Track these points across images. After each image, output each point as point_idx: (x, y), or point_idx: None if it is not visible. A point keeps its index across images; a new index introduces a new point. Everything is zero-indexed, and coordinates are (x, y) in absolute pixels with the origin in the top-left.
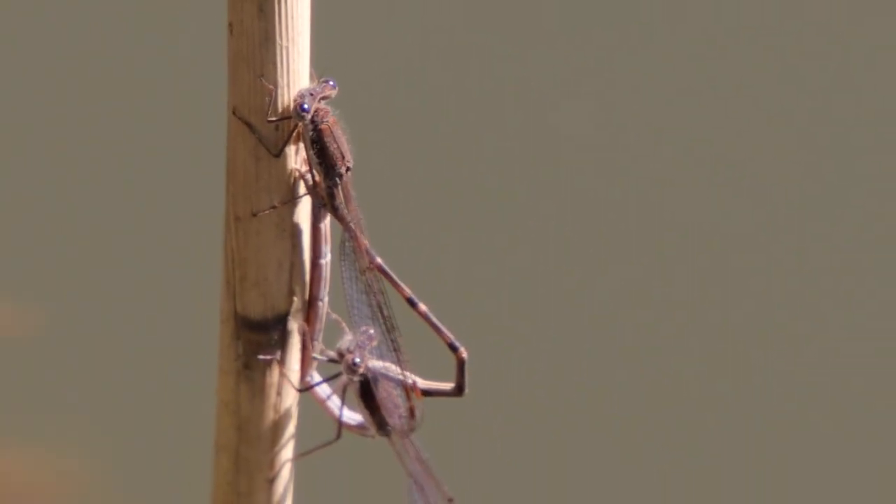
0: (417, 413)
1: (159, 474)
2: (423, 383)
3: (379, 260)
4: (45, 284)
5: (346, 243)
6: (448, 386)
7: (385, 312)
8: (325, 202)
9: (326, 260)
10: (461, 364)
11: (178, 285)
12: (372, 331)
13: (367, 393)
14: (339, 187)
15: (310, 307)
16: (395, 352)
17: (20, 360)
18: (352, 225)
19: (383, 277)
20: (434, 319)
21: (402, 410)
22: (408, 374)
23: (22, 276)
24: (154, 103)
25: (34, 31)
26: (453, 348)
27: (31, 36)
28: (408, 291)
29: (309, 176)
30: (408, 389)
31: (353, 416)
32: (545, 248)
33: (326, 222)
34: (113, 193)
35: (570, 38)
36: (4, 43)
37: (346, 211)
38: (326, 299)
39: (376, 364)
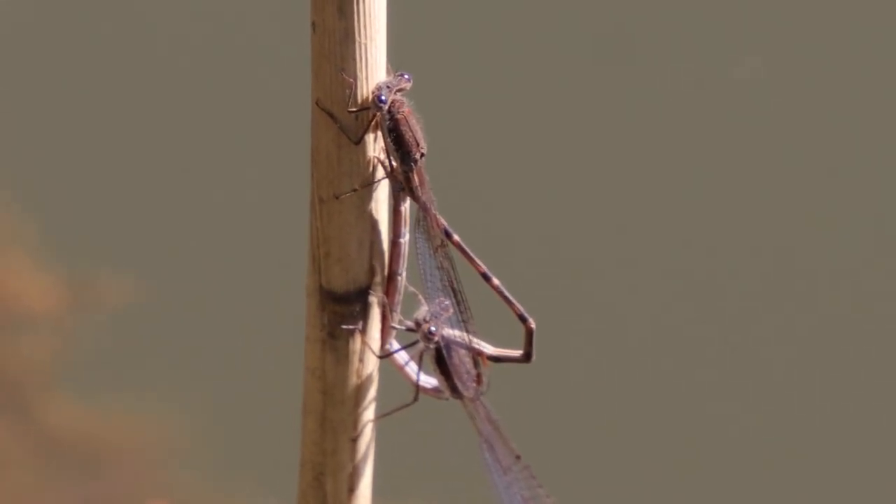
0: (484, 379)
1: (253, 436)
2: (494, 350)
3: (457, 237)
4: (148, 258)
5: (421, 223)
6: (517, 353)
7: (455, 286)
8: (402, 186)
9: (405, 239)
10: (530, 333)
11: (269, 262)
12: (447, 302)
13: (441, 359)
14: (415, 172)
15: (389, 281)
16: (464, 322)
17: (123, 327)
18: (427, 205)
19: (457, 253)
20: (506, 292)
21: (474, 376)
22: (475, 342)
23: (127, 251)
24: (250, 96)
25: (134, 29)
26: (523, 319)
27: (124, 30)
28: (483, 267)
29: (387, 162)
30: (475, 357)
31: (429, 381)
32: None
33: (406, 205)
34: (212, 178)
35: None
36: (104, 37)
37: (420, 193)
38: (404, 274)
39: (450, 333)
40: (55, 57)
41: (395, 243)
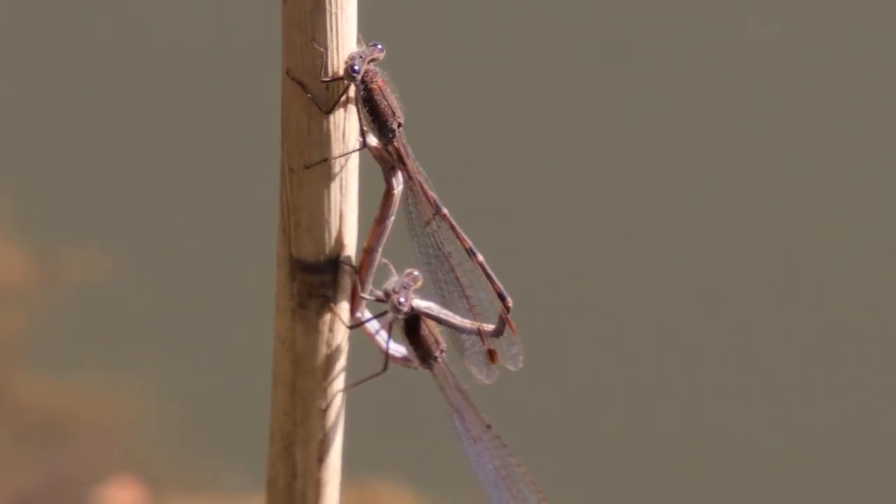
0: (499, 353)
1: (223, 405)
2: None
3: (445, 210)
4: (116, 231)
5: (409, 199)
6: (491, 328)
7: (452, 261)
8: (392, 164)
9: (391, 220)
10: (507, 312)
11: (238, 233)
12: (416, 272)
13: (411, 329)
14: (393, 143)
15: (365, 255)
16: (465, 298)
17: (91, 301)
18: (414, 178)
19: (445, 226)
20: (489, 269)
21: (444, 346)
22: (446, 314)
23: (94, 225)
24: (217, 66)
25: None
26: (502, 297)
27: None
28: (468, 242)
29: (361, 137)
30: (482, 333)
31: (398, 350)
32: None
33: (399, 189)
34: (180, 148)
35: None
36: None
37: (403, 165)
38: (381, 250)
39: (420, 303)
40: (16, 39)
41: (380, 222)
